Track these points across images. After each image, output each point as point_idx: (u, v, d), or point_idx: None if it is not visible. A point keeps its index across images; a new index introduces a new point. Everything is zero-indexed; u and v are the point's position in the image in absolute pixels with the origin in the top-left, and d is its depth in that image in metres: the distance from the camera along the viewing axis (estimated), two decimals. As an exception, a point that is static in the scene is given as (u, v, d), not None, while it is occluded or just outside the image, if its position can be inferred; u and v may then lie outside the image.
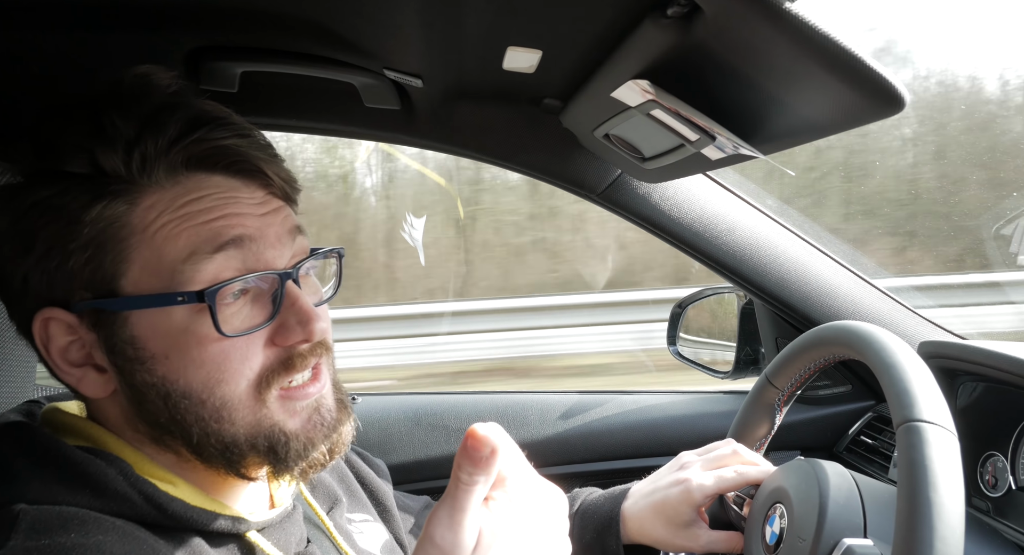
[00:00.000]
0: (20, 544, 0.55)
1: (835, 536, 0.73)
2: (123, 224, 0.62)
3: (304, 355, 0.66)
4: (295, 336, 0.65)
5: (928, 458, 0.64)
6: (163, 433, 0.65)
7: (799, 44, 0.61)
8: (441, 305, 5.10)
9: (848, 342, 0.82)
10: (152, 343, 0.62)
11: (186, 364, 0.62)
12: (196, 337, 0.61)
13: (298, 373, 0.66)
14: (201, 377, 0.62)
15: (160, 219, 0.62)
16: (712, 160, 0.87)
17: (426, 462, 1.40)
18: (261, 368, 0.64)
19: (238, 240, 0.63)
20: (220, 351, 0.62)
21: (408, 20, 0.81)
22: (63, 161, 0.62)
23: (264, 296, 0.65)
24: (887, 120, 0.69)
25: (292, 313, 0.65)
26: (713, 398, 1.50)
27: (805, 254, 1.31)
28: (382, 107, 1.08)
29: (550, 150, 1.19)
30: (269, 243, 0.65)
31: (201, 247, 0.62)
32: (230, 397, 0.63)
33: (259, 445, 0.65)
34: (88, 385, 0.65)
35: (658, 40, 0.69)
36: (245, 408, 0.64)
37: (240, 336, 0.63)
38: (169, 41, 0.90)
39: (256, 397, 0.64)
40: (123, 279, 0.62)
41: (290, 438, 0.66)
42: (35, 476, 0.61)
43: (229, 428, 0.64)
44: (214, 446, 0.64)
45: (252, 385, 0.64)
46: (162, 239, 0.62)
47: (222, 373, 0.62)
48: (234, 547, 0.68)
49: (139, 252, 0.62)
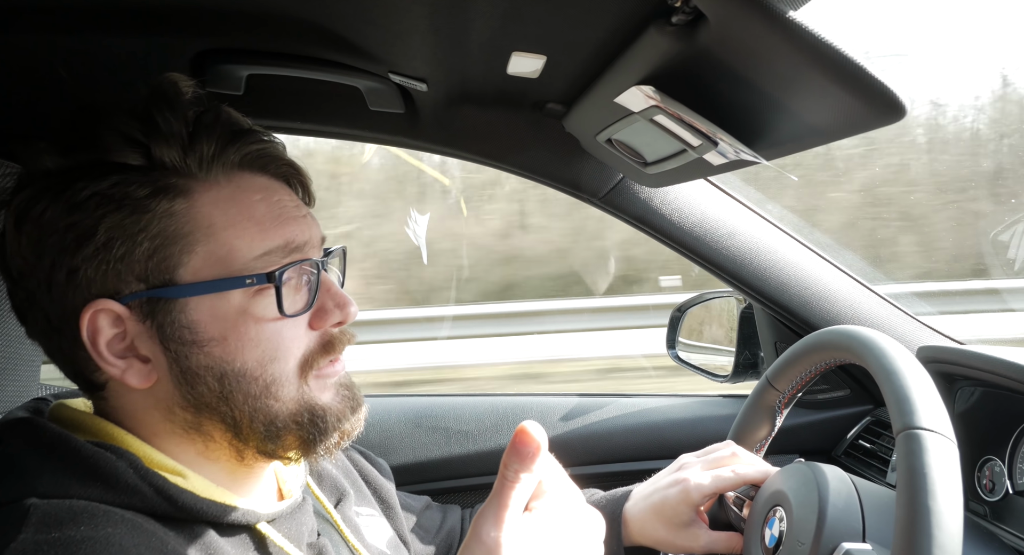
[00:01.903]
0: (31, 538, 0.56)
1: (834, 540, 0.73)
2: (187, 217, 0.65)
3: (340, 338, 0.72)
4: (334, 317, 0.71)
5: (927, 466, 0.64)
6: (205, 417, 0.68)
7: (802, 51, 0.61)
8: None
9: (849, 347, 0.82)
10: (211, 326, 0.65)
11: (244, 344, 0.66)
12: (254, 318, 0.66)
13: (336, 354, 0.71)
14: (256, 355, 0.66)
15: (224, 215, 0.66)
16: (714, 165, 0.88)
17: (427, 463, 1.40)
18: (306, 349, 0.69)
19: (299, 247, 0.69)
20: (275, 331, 0.67)
21: (414, 25, 0.81)
22: (113, 153, 0.64)
23: (301, 285, 0.70)
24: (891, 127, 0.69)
25: (330, 297, 0.71)
26: (713, 401, 1.51)
27: (804, 259, 1.31)
28: (386, 110, 1.09)
29: (553, 154, 1.20)
30: (313, 245, 0.71)
31: (275, 251, 0.67)
32: (280, 374, 0.67)
33: (303, 420, 0.69)
34: (133, 375, 0.66)
35: (662, 47, 0.70)
36: (291, 386, 0.68)
37: (295, 316, 0.68)
38: (176, 44, 0.91)
39: (300, 376, 0.69)
40: (183, 269, 0.65)
41: (327, 412, 0.70)
42: (46, 470, 0.62)
43: (275, 405, 0.68)
44: (260, 422, 0.68)
45: (299, 364, 0.69)
46: (231, 235, 0.66)
47: (276, 351, 0.67)
48: (245, 538, 0.69)
49: (204, 245, 0.65)
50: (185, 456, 0.69)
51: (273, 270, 0.66)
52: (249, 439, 0.68)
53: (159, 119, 0.65)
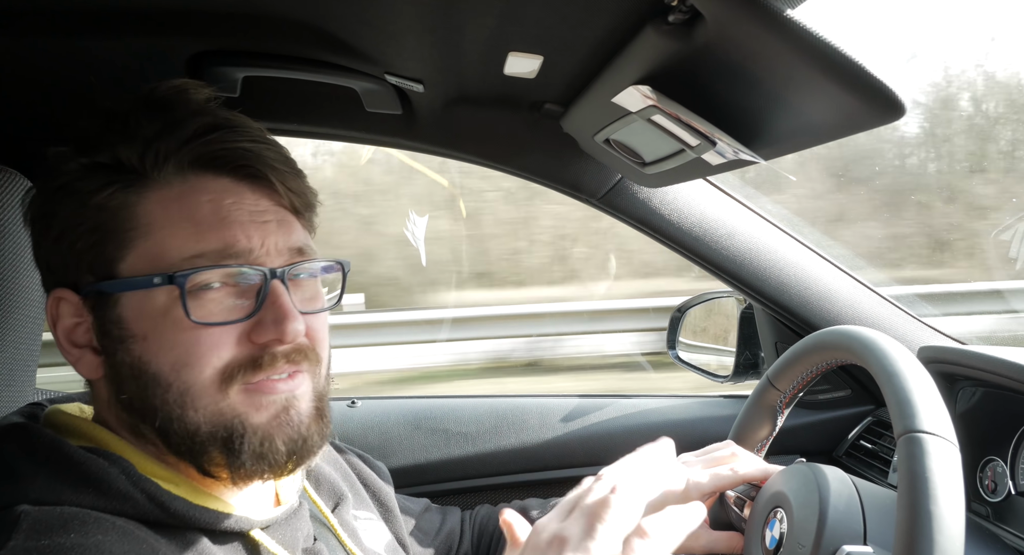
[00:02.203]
0: (20, 544, 0.56)
1: (835, 542, 0.73)
2: (129, 213, 0.65)
3: (275, 357, 0.66)
4: (268, 334, 0.66)
5: (929, 470, 0.64)
6: (138, 420, 0.67)
7: (799, 50, 0.61)
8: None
9: (850, 348, 0.82)
10: (135, 324, 0.65)
11: (160, 345, 0.64)
12: (172, 320, 0.64)
13: (263, 374, 0.66)
14: (170, 360, 0.64)
15: (165, 213, 0.65)
16: (712, 165, 0.87)
17: (426, 466, 1.40)
18: (228, 361, 0.65)
19: (238, 254, 0.65)
20: (191, 337, 0.64)
21: (410, 26, 0.81)
22: (92, 154, 0.67)
23: (250, 293, 0.66)
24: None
25: (270, 311, 0.66)
26: (713, 402, 1.50)
27: (805, 259, 1.31)
28: (383, 112, 1.08)
29: (551, 155, 1.19)
30: (265, 251, 0.67)
31: (208, 254, 0.64)
32: (193, 383, 0.64)
33: (218, 436, 0.65)
34: (84, 366, 0.68)
35: (659, 46, 0.69)
36: (207, 397, 0.64)
37: (209, 325, 0.64)
38: (171, 46, 0.90)
39: (219, 388, 0.65)
40: (121, 264, 0.65)
41: (248, 431, 0.66)
42: (38, 476, 0.61)
43: (192, 415, 0.65)
44: (177, 433, 0.65)
45: (216, 375, 0.64)
46: (165, 235, 0.65)
47: (188, 357, 0.64)
48: (238, 545, 0.69)
49: (140, 241, 0.65)
50: (171, 463, 0.68)
51: (177, 272, 0.63)
52: (178, 450, 0.66)
53: (131, 120, 0.67)
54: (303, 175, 0.73)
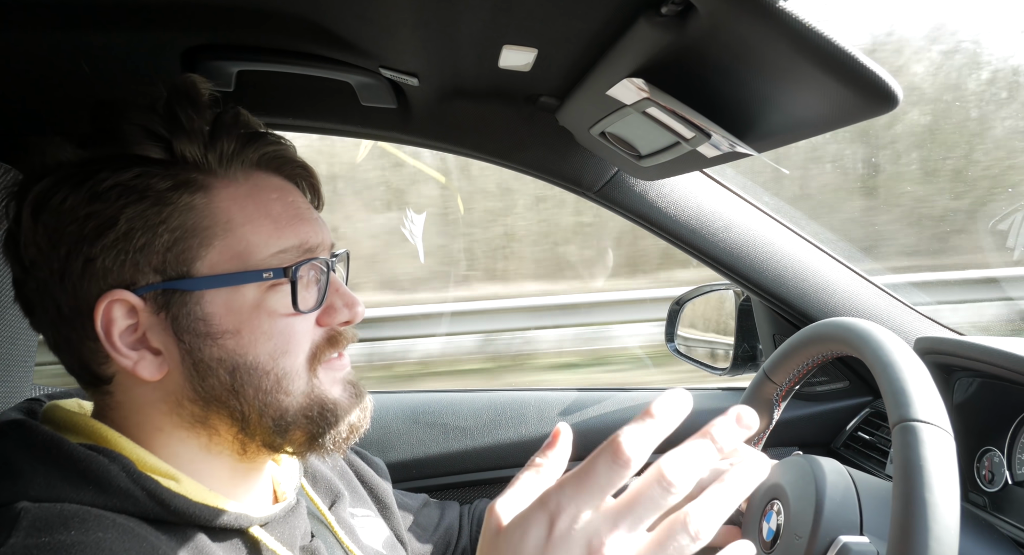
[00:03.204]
0: (20, 542, 0.56)
1: (831, 533, 0.73)
2: (206, 212, 0.67)
3: (344, 335, 0.74)
4: (342, 316, 0.73)
5: (924, 458, 0.64)
6: (213, 411, 0.68)
7: (792, 42, 0.61)
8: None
9: (845, 339, 0.82)
10: (225, 319, 0.67)
11: (257, 337, 0.67)
12: (268, 311, 0.67)
13: (341, 348, 0.73)
14: (268, 349, 0.68)
15: (242, 211, 0.68)
16: (708, 158, 0.87)
17: (424, 460, 1.40)
18: (314, 344, 0.71)
19: (312, 248, 0.71)
20: (287, 325, 0.68)
21: (403, 19, 0.81)
22: (135, 146, 0.66)
23: (312, 283, 0.71)
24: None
25: (338, 297, 0.73)
26: (710, 395, 1.50)
27: (802, 251, 1.31)
28: (378, 106, 1.08)
29: (546, 148, 1.19)
30: (324, 246, 0.73)
31: (291, 250, 0.69)
32: (291, 368, 0.69)
33: (312, 414, 0.70)
34: (145, 367, 0.67)
35: (652, 38, 0.69)
36: (301, 380, 0.69)
37: (307, 313, 0.70)
38: (165, 40, 0.90)
39: (309, 370, 0.70)
40: (200, 262, 0.66)
41: (337, 406, 0.72)
42: (37, 473, 0.61)
43: (285, 399, 0.69)
44: (270, 416, 0.69)
45: (308, 358, 0.70)
46: (247, 231, 0.67)
47: (288, 344, 0.68)
48: (238, 542, 0.69)
49: (222, 239, 0.67)
50: (186, 452, 0.69)
51: (289, 266, 0.68)
52: (256, 433, 0.70)
53: (181, 116, 0.67)
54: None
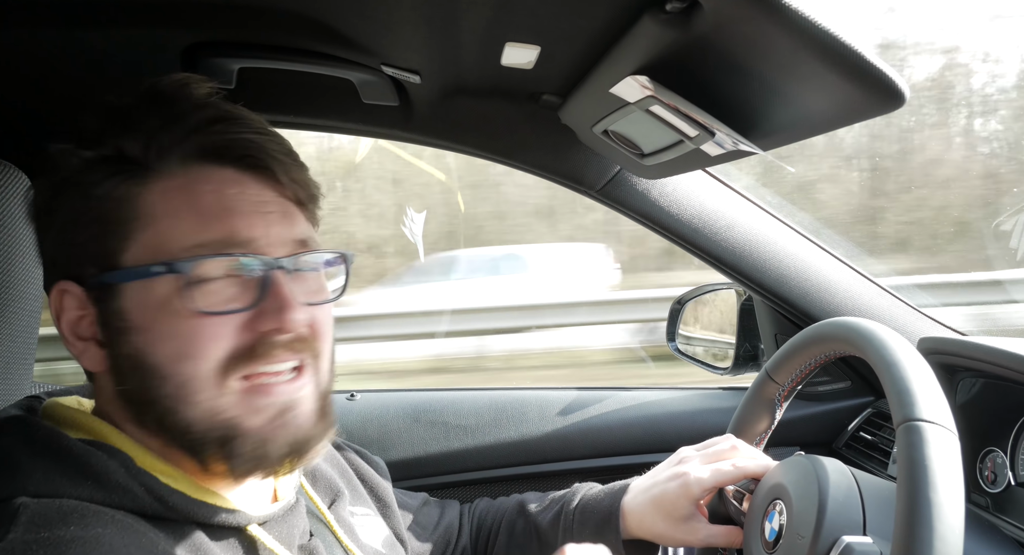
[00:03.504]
0: (20, 537, 0.56)
1: (834, 533, 0.73)
2: (132, 204, 0.65)
3: (273, 346, 0.65)
4: (269, 323, 0.65)
5: (928, 458, 0.64)
6: (139, 412, 0.67)
7: (798, 39, 0.60)
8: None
9: (849, 338, 0.82)
10: (136, 315, 0.65)
11: (159, 336, 0.64)
12: (173, 310, 0.63)
13: (263, 364, 0.65)
14: (170, 351, 0.63)
15: (167, 203, 0.65)
16: (711, 156, 0.87)
17: (425, 458, 1.40)
18: (229, 351, 0.64)
19: (240, 243, 0.65)
20: (191, 326, 0.63)
21: (406, 16, 0.80)
22: (95, 148, 0.67)
23: (252, 284, 0.66)
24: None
25: (272, 300, 0.65)
26: (712, 394, 1.50)
27: (804, 250, 1.30)
28: (380, 103, 1.08)
29: (549, 146, 1.19)
30: (268, 242, 0.67)
31: (210, 244, 0.64)
32: (192, 375, 0.63)
33: (213, 436, 0.64)
34: (87, 359, 0.68)
35: (657, 36, 0.69)
36: (207, 391, 0.64)
37: (213, 314, 0.63)
38: (167, 37, 0.90)
39: (219, 381, 0.64)
40: (124, 254, 0.65)
41: (244, 435, 0.65)
42: (37, 469, 0.61)
43: (188, 410, 0.64)
44: (175, 427, 0.65)
45: (217, 367, 0.64)
46: (167, 225, 0.64)
47: (189, 348, 0.63)
48: (235, 541, 0.69)
49: (143, 232, 0.65)
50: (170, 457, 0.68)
51: (176, 261, 0.63)
52: (178, 444, 0.66)
53: (133, 113, 0.67)
54: (305, 167, 0.73)
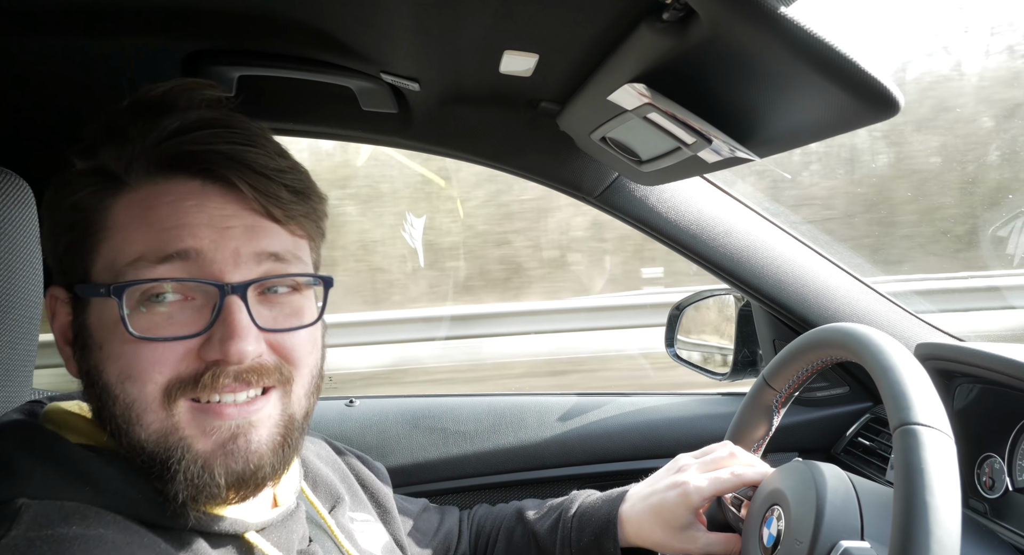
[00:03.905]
0: (22, 534, 0.56)
1: (832, 538, 0.73)
2: (99, 216, 0.64)
3: (220, 376, 0.62)
4: (213, 353, 0.62)
5: (924, 461, 0.64)
6: (105, 426, 0.65)
7: (794, 48, 0.61)
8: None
9: (845, 344, 0.82)
10: (95, 332, 0.64)
11: (108, 356, 0.63)
12: (120, 331, 0.61)
13: (208, 393, 0.62)
14: (115, 371, 0.62)
15: (127, 216, 0.63)
16: (709, 163, 0.87)
17: (424, 464, 1.40)
18: (170, 377, 0.62)
19: (184, 253, 0.62)
20: (134, 350, 0.62)
21: (405, 24, 0.81)
22: (78, 157, 0.67)
23: (207, 307, 0.63)
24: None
25: (219, 328, 0.62)
26: (710, 400, 1.50)
27: (802, 256, 1.31)
28: (379, 111, 1.08)
29: (547, 153, 1.19)
30: (222, 258, 0.63)
31: (147, 254, 0.61)
32: (136, 398, 0.62)
33: (158, 457, 0.62)
34: (71, 365, 0.68)
35: (654, 44, 0.69)
36: (152, 413, 0.62)
37: (148, 340, 0.61)
38: (167, 46, 0.90)
39: (162, 404, 0.62)
40: (93, 268, 0.65)
41: (188, 457, 0.62)
42: (36, 472, 0.62)
43: (138, 431, 0.62)
44: (129, 446, 0.63)
45: (158, 391, 0.62)
46: (122, 239, 0.63)
47: (131, 370, 0.62)
48: (232, 548, 0.69)
49: (104, 246, 0.64)
50: None
51: (119, 283, 0.61)
52: (136, 462, 0.64)
53: (118, 125, 0.65)
54: (294, 179, 0.67)
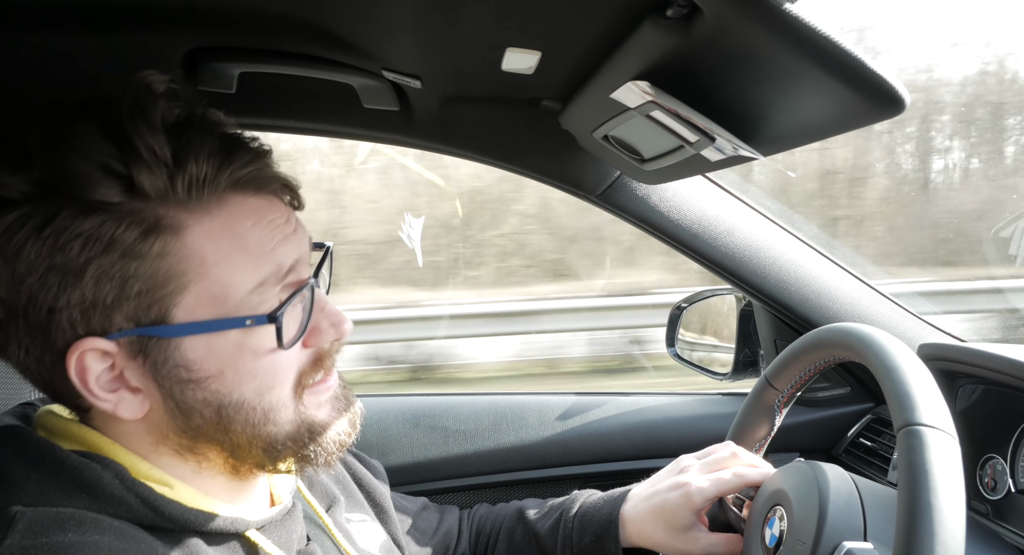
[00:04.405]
0: (17, 543, 0.55)
1: (835, 539, 0.73)
2: (179, 257, 0.61)
3: (330, 354, 0.72)
4: (329, 336, 0.71)
5: (928, 462, 0.64)
6: (202, 442, 0.67)
7: (799, 45, 0.61)
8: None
9: (848, 344, 0.81)
10: (207, 363, 0.64)
11: (241, 377, 0.65)
12: (251, 351, 0.65)
13: (326, 368, 0.72)
14: (254, 387, 0.66)
15: (216, 249, 0.62)
16: (712, 161, 0.87)
17: (424, 463, 1.39)
18: (299, 371, 0.69)
19: (295, 269, 0.67)
20: (272, 362, 0.66)
21: (406, 21, 0.80)
22: (93, 190, 0.58)
23: (294, 311, 0.68)
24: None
25: (324, 316, 0.70)
26: (712, 400, 1.50)
27: (804, 256, 1.30)
28: (381, 108, 1.08)
29: (549, 151, 1.19)
30: (305, 259, 0.70)
31: (268, 280, 0.65)
32: (277, 401, 0.67)
33: (302, 438, 0.69)
34: (125, 408, 0.64)
35: (657, 41, 0.69)
36: (287, 409, 0.68)
37: (293, 346, 0.67)
38: (167, 42, 0.90)
39: (295, 397, 0.69)
40: (176, 309, 0.62)
41: (326, 427, 0.71)
42: (30, 480, 0.61)
43: (274, 429, 0.68)
44: (259, 447, 0.68)
45: (293, 387, 0.68)
46: (224, 271, 0.63)
47: (273, 380, 0.66)
48: (235, 545, 0.69)
49: (197, 283, 0.62)
50: (176, 470, 0.68)
51: (272, 310, 0.64)
52: (247, 459, 0.69)
53: (137, 140, 0.59)
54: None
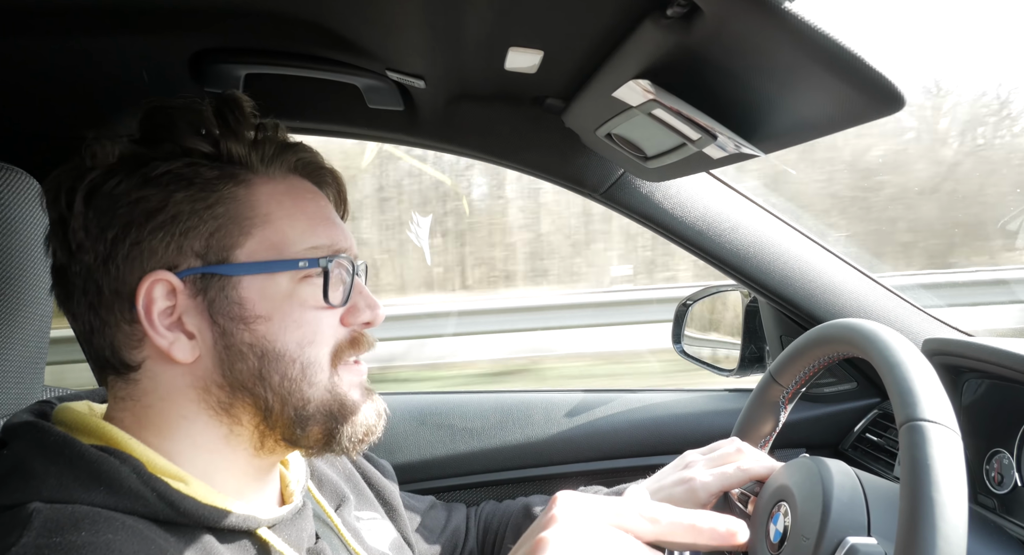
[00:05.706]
0: (32, 541, 0.56)
1: (839, 534, 0.73)
2: (248, 203, 0.71)
3: (367, 337, 0.77)
4: (364, 316, 0.76)
5: (931, 457, 0.64)
6: (239, 398, 0.70)
7: (798, 43, 0.61)
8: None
9: (851, 340, 0.82)
10: (259, 305, 0.69)
11: (287, 324, 0.70)
12: (299, 301, 0.71)
13: (360, 351, 0.76)
14: (296, 337, 0.70)
15: (280, 206, 0.72)
16: (714, 159, 0.87)
17: (431, 461, 1.40)
18: (337, 341, 0.73)
19: (345, 251, 0.75)
20: (316, 317, 0.71)
21: (410, 22, 0.81)
22: (187, 140, 0.70)
23: (339, 282, 0.74)
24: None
25: (362, 298, 0.76)
26: (717, 396, 1.50)
27: (809, 251, 1.30)
28: (385, 108, 1.09)
29: (553, 150, 1.19)
30: (351, 244, 0.77)
31: (321, 247, 0.72)
32: (315, 358, 0.71)
33: (332, 410, 0.72)
34: (179, 348, 0.69)
35: (658, 40, 0.69)
36: (324, 372, 0.72)
37: (333, 309, 0.73)
38: (174, 44, 0.91)
39: (331, 364, 0.72)
40: (239, 250, 0.69)
41: (355, 406, 0.74)
42: (50, 474, 0.62)
43: (308, 389, 0.71)
44: (292, 406, 0.71)
45: (331, 353, 0.72)
46: (285, 225, 0.71)
47: (315, 335, 0.71)
48: (246, 543, 0.70)
49: (261, 229, 0.70)
50: (205, 442, 0.70)
51: (322, 258, 0.71)
52: (277, 424, 0.71)
53: (230, 119, 0.72)
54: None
